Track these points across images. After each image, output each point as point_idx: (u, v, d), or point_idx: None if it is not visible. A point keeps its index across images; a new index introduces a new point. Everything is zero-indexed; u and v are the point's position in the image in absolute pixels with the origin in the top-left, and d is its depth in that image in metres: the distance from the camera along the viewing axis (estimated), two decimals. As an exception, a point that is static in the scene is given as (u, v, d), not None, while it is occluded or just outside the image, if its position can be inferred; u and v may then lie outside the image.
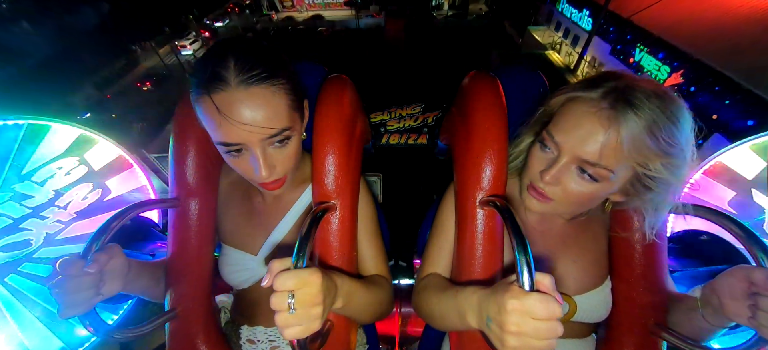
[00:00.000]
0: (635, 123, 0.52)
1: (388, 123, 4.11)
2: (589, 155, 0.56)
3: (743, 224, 0.58)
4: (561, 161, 0.59)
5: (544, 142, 0.63)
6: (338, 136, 0.70)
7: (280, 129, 0.59)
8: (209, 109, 0.56)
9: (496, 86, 0.71)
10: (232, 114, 0.54)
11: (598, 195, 0.61)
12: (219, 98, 0.54)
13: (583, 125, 0.56)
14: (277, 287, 0.45)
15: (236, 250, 0.81)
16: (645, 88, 0.54)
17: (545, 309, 0.39)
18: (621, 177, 0.58)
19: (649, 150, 0.53)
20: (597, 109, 0.55)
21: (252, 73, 0.55)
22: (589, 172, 0.57)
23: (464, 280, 0.66)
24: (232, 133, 0.56)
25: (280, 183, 0.67)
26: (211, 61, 0.56)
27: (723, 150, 1.08)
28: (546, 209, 0.65)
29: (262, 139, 0.58)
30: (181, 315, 0.75)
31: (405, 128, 4.13)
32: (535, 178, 0.64)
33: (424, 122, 4.11)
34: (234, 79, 0.54)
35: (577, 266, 0.73)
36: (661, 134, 0.53)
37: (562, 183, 0.60)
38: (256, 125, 0.56)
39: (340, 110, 0.71)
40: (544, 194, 0.63)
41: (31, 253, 1.12)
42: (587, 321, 0.74)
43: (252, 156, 0.60)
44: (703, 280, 0.63)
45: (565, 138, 0.58)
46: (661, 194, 0.59)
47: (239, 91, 0.54)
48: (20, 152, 1.10)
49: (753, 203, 1.04)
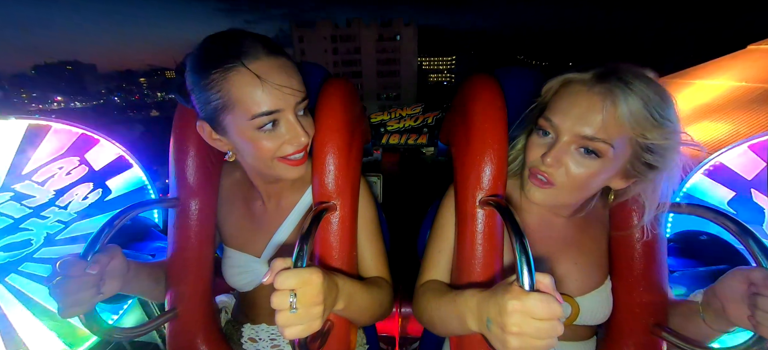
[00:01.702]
0: (632, 96, 0.55)
1: (388, 123, 4.11)
2: (587, 131, 0.57)
3: (743, 224, 0.58)
4: (561, 140, 0.60)
5: (542, 128, 0.64)
6: (338, 136, 0.70)
7: (306, 93, 0.64)
8: (244, 79, 0.57)
9: (496, 87, 0.71)
10: (271, 79, 0.58)
11: (600, 175, 0.61)
12: (255, 65, 0.57)
13: (579, 104, 0.58)
14: (278, 285, 0.45)
15: (239, 252, 0.81)
16: (633, 70, 0.58)
17: (546, 309, 0.39)
18: (621, 154, 0.59)
19: (647, 120, 0.56)
20: (590, 87, 0.58)
21: (271, 46, 0.60)
22: (591, 147, 0.58)
23: (464, 280, 0.66)
24: (272, 98, 0.59)
25: (304, 158, 0.69)
26: (230, 40, 0.59)
27: (723, 150, 1.08)
28: (548, 198, 0.64)
29: (296, 102, 0.62)
30: (181, 315, 0.75)
31: (405, 128, 4.13)
32: (536, 163, 0.64)
33: (424, 122, 4.10)
34: (262, 50, 0.59)
35: (578, 267, 0.73)
36: (655, 107, 0.56)
37: (564, 164, 0.61)
38: (292, 88, 0.60)
39: (340, 110, 0.71)
40: (547, 178, 0.62)
41: (32, 253, 1.12)
42: (590, 323, 0.73)
43: (288, 125, 0.63)
44: (703, 280, 0.63)
45: (562, 119, 0.60)
46: (662, 173, 0.61)
47: (271, 59, 0.59)
48: (21, 152, 1.10)
49: (753, 203, 1.04)
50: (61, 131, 1.18)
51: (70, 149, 1.18)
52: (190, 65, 0.61)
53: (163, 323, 0.74)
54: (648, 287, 0.69)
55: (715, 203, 1.08)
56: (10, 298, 1.09)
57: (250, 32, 0.61)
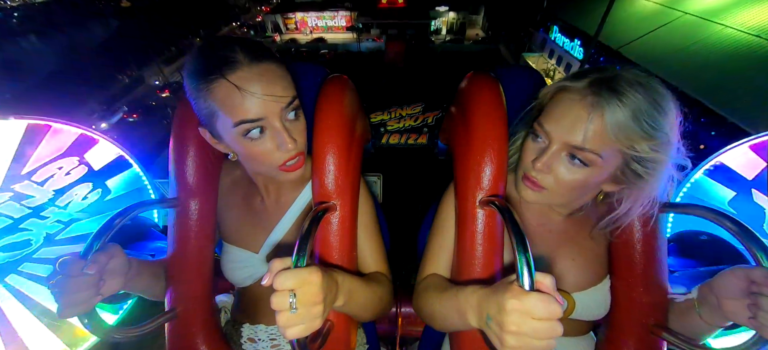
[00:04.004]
0: (619, 108, 0.55)
1: (388, 123, 4.12)
2: (576, 141, 0.58)
3: (743, 224, 0.58)
4: (551, 148, 0.61)
5: (536, 133, 0.65)
6: (338, 136, 0.70)
7: (293, 96, 0.63)
8: (225, 90, 0.58)
9: (496, 87, 0.71)
10: (251, 88, 0.57)
11: (590, 182, 0.62)
12: (235, 76, 0.57)
13: (570, 113, 0.59)
14: (277, 286, 0.45)
15: (238, 248, 0.81)
16: (629, 77, 0.57)
17: (545, 309, 0.39)
18: (610, 163, 0.60)
19: (634, 133, 0.56)
20: (582, 97, 0.58)
21: (258, 52, 0.59)
22: (579, 157, 0.59)
23: (464, 280, 0.66)
24: (254, 107, 0.58)
25: (300, 163, 0.68)
26: (214, 50, 0.59)
27: (723, 150, 1.08)
28: (540, 199, 0.67)
29: (282, 108, 0.61)
30: (181, 315, 0.75)
31: (405, 128, 4.14)
32: (528, 167, 0.66)
33: (424, 122, 4.11)
34: (244, 58, 0.58)
35: (576, 263, 0.73)
36: (645, 118, 0.55)
37: (554, 170, 0.62)
38: (275, 95, 0.59)
39: (340, 110, 0.71)
40: (537, 183, 0.64)
41: (31, 253, 1.12)
42: (585, 318, 0.74)
43: (274, 132, 0.62)
44: (703, 280, 0.63)
45: (554, 126, 0.61)
46: (651, 182, 0.61)
47: (252, 67, 0.58)
48: (20, 151, 1.10)
49: (753, 203, 1.04)
50: (61, 131, 1.18)
51: (70, 149, 1.18)
52: (184, 74, 0.63)
53: (163, 323, 0.74)
54: (648, 287, 0.69)
55: (715, 203, 1.08)
56: (9, 298, 1.09)
57: (237, 38, 0.61)
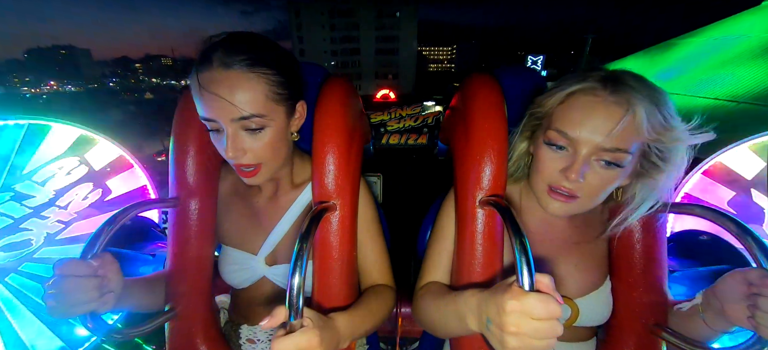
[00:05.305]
0: (645, 102, 0.55)
1: (388, 123, 4.10)
2: (606, 142, 0.57)
3: (743, 224, 0.58)
4: (581, 154, 0.59)
5: (553, 141, 0.62)
6: (338, 136, 0.70)
7: (251, 114, 0.61)
8: (194, 84, 0.61)
9: (496, 86, 0.71)
10: (209, 89, 0.59)
11: (616, 181, 0.61)
12: (203, 75, 0.60)
13: (595, 115, 0.57)
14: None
15: (236, 250, 0.81)
16: (627, 73, 0.59)
17: (545, 309, 0.39)
18: (635, 158, 0.60)
19: (659, 123, 0.56)
20: (603, 97, 0.57)
21: (234, 57, 0.60)
22: (609, 159, 0.58)
23: (464, 281, 0.66)
24: (206, 107, 0.61)
25: (253, 172, 0.68)
26: (207, 47, 0.62)
27: (723, 150, 1.08)
28: (572, 210, 0.64)
29: (232, 119, 0.61)
30: (181, 315, 0.75)
31: (405, 128, 4.12)
32: (555, 179, 0.62)
33: (424, 122, 4.09)
34: (217, 60, 0.60)
35: (578, 269, 0.73)
36: (664, 108, 0.56)
37: (587, 177, 0.60)
38: (227, 102, 0.60)
39: (340, 110, 0.71)
40: (572, 193, 0.61)
41: (32, 253, 1.12)
42: (589, 324, 0.73)
43: (225, 135, 0.63)
44: (703, 280, 0.63)
45: (579, 131, 0.58)
46: (666, 172, 0.61)
47: (219, 70, 0.60)
48: (21, 152, 1.10)
49: (753, 203, 1.04)
50: (61, 131, 1.18)
51: (70, 149, 1.19)
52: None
53: (163, 323, 0.74)
54: (648, 287, 0.68)
55: (715, 203, 1.08)
56: (10, 298, 1.09)
57: (225, 40, 0.63)
